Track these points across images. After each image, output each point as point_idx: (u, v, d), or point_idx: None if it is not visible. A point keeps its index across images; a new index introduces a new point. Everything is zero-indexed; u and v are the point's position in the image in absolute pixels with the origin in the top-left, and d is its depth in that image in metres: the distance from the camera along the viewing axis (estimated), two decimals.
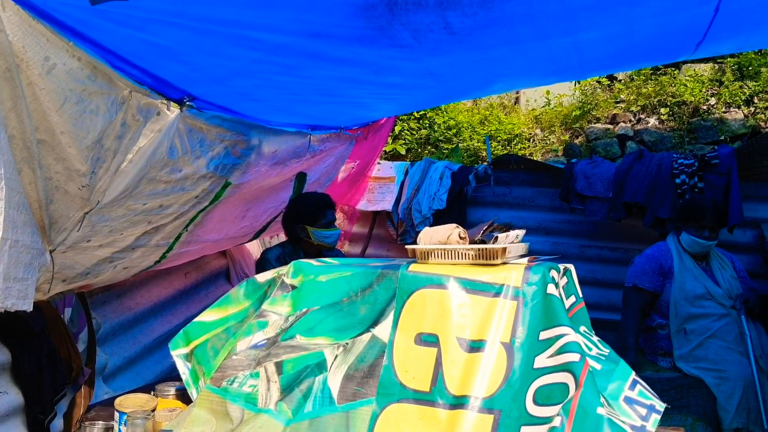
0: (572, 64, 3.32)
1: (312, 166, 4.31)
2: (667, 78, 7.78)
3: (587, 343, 2.09)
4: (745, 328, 3.73)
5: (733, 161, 4.78)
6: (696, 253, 3.90)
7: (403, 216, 5.93)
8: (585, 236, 5.68)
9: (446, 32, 2.36)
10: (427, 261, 2.14)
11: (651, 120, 7.48)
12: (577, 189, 5.31)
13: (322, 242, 3.70)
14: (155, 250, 3.24)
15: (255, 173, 3.47)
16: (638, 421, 1.88)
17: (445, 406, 1.86)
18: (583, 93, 8.31)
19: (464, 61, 2.95)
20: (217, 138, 2.92)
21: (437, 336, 1.95)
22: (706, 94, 7.50)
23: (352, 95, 3.40)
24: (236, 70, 2.61)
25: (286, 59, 2.53)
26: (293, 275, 2.21)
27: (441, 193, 5.80)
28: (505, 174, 5.86)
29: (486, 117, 8.49)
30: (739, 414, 3.52)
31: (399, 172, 6.07)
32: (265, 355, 2.12)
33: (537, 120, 8.40)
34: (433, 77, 3.16)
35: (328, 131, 4.20)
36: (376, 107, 3.95)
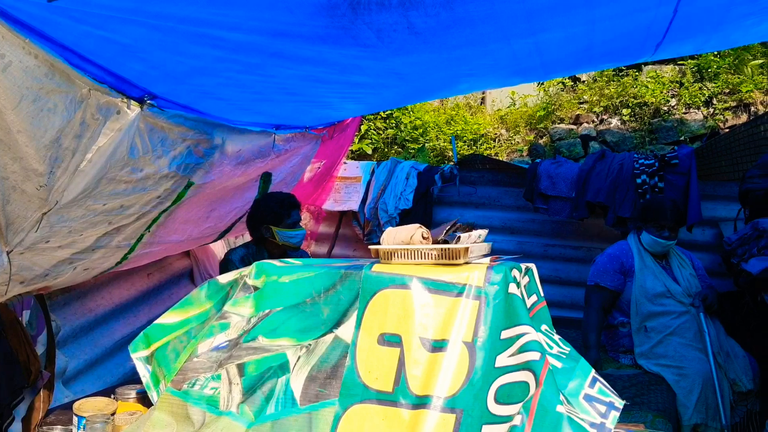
0: (535, 65, 3.36)
1: (277, 166, 4.28)
2: (629, 79, 7.91)
3: (548, 342, 2.11)
4: (703, 325, 3.81)
5: (693, 161, 4.88)
6: (656, 252, 3.97)
7: (369, 216, 5.94)
8: (549, 235, 5.75)
9: (409, 32, 2.36)
10: (390, 261, 2.14)
11: (613, 121, 7.60)
12: (541, 189, 5.37)
13: (287, 242, 3.68)
14: (116, 251, 3.18)
15: (218, 173, 3.43)
16: (598, 418, 1.90)
17: (408, 406, 1.86)
18: (547, 94, 8.41)
19: (428, 61, 2.96)
20: (179, 137, 2.88)
21: (400, 336, 1.95)
22: (667, 95, 7.64)
23: (317, 94, 3.39)
24: (198, 69, 2.58)
25: (248, 58, 2.51)
26: (256, 276, 2.19)
27: (407, 192, 5.82)
28: (470, 174, 5.91)
29: (452, 117, 8.54)
30: (698, 410, 3.59)
31: (365, 171, 6.07)
32: (227, 357, 2.10)
33: (502, 120, 8.47)
34: (398, 77, 3.16)
35: (293, 131, 4.17)
36: (341, 107, 3.94)
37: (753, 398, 3.82)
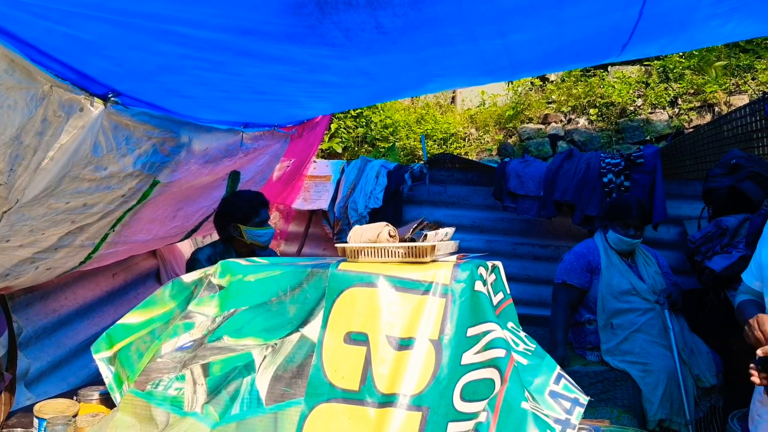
0: (504, 65, 3.37)
1: (245, 165, 4.24)
2: (596, 80, 8.00)
3: (514, 339, 2.12)
4: (668, 322, 3.87)
5: (658, 160, 4.95)
6: (622, 251, 4.02)
7: (339, 215, 5.93)
8: (517, 234, 5.79)
9: (378, 32, 2.36)
10: (357, 259, 2.13)
11: (581, 120, 7.68)
12: (510, 188, 5.41)
13: (256, 241, 3.65)
14: (80, 251, 3.13)
15: (185, 171, 3.39)
16: (563, 414, 1.92)
17: (374, 405, 1.85)
18: (517, 94, 8.48)
19: (397, 61, 2.96)
20: (144, 135, 2.84)
21: (366, 334, 1.94)
22: (633, 95, 7.75)
23: (285, 93, 3.37)
24: (163, 66, 2.55)
25: (214, 55, 2.49)
26: (221, 275, 2.17)
27: (377, 191, 5.81)
28: (440, 173, 5.92)
29: (422, 116, 8.56)
30: (663, 405, 3.64)
31: (335, 170, 6.06)
32: (191, 357, 2.08)
33: (472, 119, 8.52)
34: (366, 76, 3.15)
35: (261, 129, 4.14)
36: (309, 105, 3.92)
37: (716, 393, 3.89)
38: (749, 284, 2.50)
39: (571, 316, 4.05)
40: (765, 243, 2.43)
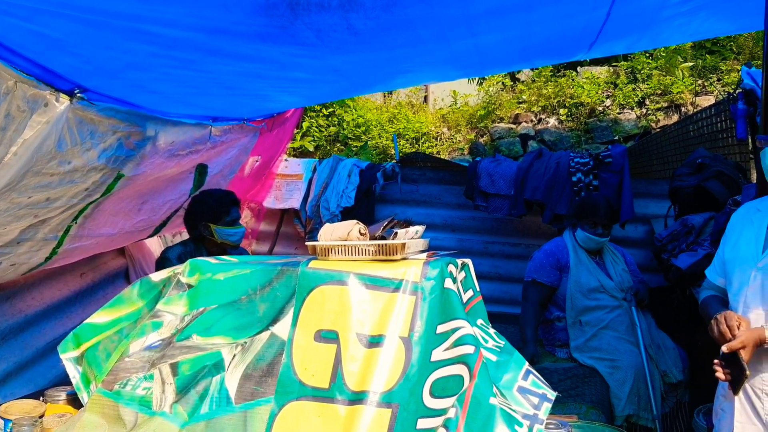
0: (474, 62, 3.40)
1: (213, 158, 4.19)
2: (565, 80, 8.10)
3: (483, 336, 2.14)
4: (635, 318, 3.93)
5: (625, 160, 5.02)
6: (590, 249, 4.07)
7: (311, 214, 5.91)
8: (488, 232, 5.83)
9: (349, 33, 2.37)
10: (327, 257, 2.13)
11: (551, 120, 7.77)
12: (481, 186, 5.44)
13: (226, 240, 3.63)
14: (44, 245, 3.08)
15: (150, 164, 3.35)
16: (530, 409, 1.94)
17: (344, 402, 1.85)
18: (488, 93, 8.54)
19: (368, 60, 2.97)
20: (109, 129, 2.81)
21: (337, 332, 1.94)
22: (602, 95, 7.85)
23: (255, 88, 3.36)
24: (131, 64, 2.53)
25: (184, 54, 2.47)
26: (189, 274, 2.15)
27: (349, 190, 5.81)
28: (412, 172, 5.94)
29: (395, 115, 8.58)
30: (630, 401, 3.70)
31: (307, 169, 6.04)
32: (160, 357, 2.06)
33: (444, 119, 8.56)
34: (336, 73, 3.16)
35: (230, 122, 4.09)
36: (279, 99, 3.91)
37: (682, 389, 3.96)
38: (713, 281, 2.55)
39: (540, 314, 4.09)
40: (728, 241, 2.49)
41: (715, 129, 4.96)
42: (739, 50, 8.02)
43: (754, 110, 4.14)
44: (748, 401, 2.27)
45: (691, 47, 8.09)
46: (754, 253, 2.30)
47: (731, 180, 4.18)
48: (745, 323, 2.19)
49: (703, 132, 5.17)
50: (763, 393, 2.24)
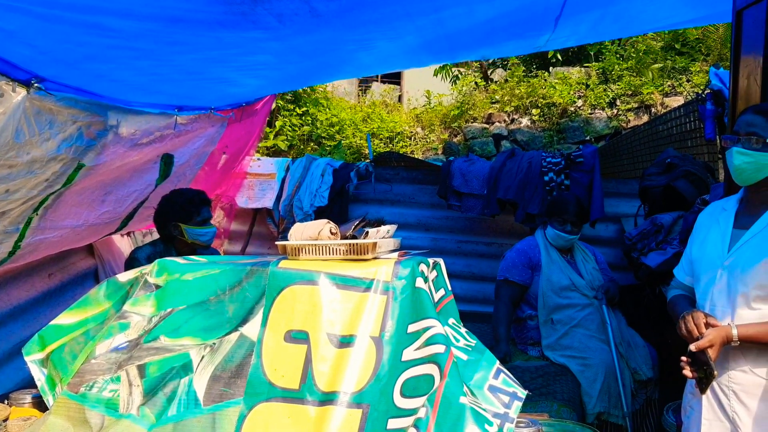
0: (439, 36, 3.37)
1: (179, 147, 4.11)
2: (538, 80, 8.16)
3: (455, 335, 2.14)
4: (606, 317, 3.96)
5: (596, 160, 5.07)
6: (560, 247, 4.09)
7: (284, 213, 5.87)
8: (462, 232, 5.84)
9: (311, 15, 2.35)
10: (298, 257, 2.11)
11: (524, 120, 7.82)
12: (454, 186, 5.45)
13: (197, 240, 3.58)
14: (5, 238, 3.01)
15: (112, 154, 3.28)
16: (501, 408, 1.94)
17: (314, 403, 1.84)
18: (461, 93, 8.58)
19: (332, 40, 2.94)
20: (69, 119, 2.76)
21: (307, 333, 1.93)
22: (574, 96, 7.93)
23: (218, 72, 3.32)
24: (89, 55, 2.48)
25: (143, 44, 2.44)
26: (157, 274, 2.12)
27: (323, 190, 5.79)
28: (386, 171, 5.93)
29: (369, 115, 8.58)
30: (601, 398, 3.73)
31: (280, 168, 6.00)
32: (127, 358, 2.03)
33: (418, 119, 8.58)
34: (300, 54, 3.13)
35: (196, 112, 4.02)
36: (244, 83, 3.85)
37: (652, 386, 4.00)
38: (681, 280, 2.58)
39: (513, 312, 4.11)
40: (695, 240, 2.52)
41: (684, 129, 5.04)
42: (708, 52, 8.15)
43: (722, 111, 4.21)
44: (716, 398, 2.30)
45: (661, 48, 8.21)
46: (720, 252, 2.33)
47: (699, 179, 4.24)
48: (712, 322, 2.22)
49: (672, 132, 5.25)
50: (729, 390, 2.26)
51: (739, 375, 2.25)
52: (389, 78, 13.41)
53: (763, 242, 2.22)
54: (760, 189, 2.29)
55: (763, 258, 2.19)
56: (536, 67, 8.23)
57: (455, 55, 4.17)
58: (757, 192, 2.30)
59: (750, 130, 2.24)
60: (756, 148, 2.22)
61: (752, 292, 2.20)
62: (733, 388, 2.26)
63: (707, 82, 4.38)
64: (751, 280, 2.21)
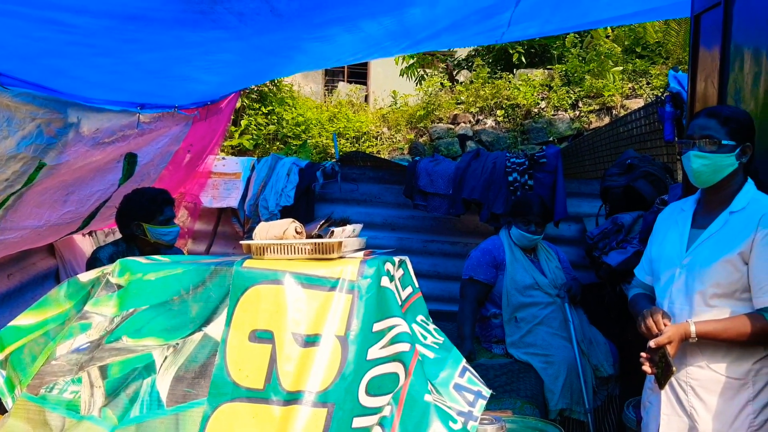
0: (399, 30, 3.37)
1: (142, 146, 4.04)
2: (502, 82, 8.24)
3: (423, 332, 2.15)
4: (568, 314, 4.02)
5: (559, 160, 5.14)
6: (525, 247, 4.15)
7: (249, 213, 5.83)
8: (428, 231, 5.87)
9: (272, 15, 2.34)
10: (262, 256, 2.10)
11: (488, 121, 7.89)
12: (420, 186, 5.48)
13: (160, 240, 3.54)
14: None
15: (74, 153, 3.22)
16: (466, 406, 1.96)
17: (279, 403, 1.84)
18: (427, 94, 8.62)
19: (295, 38, 2.93)
20: (27, 116, 2.69)
21: (272, 332, 1.92)
22: (537, 97, 8.03)
23: (180, 71, 3.28)
24: (47, 51, 2.43)
25: (101, 41, 2.39)
26: (119, 274, 2.09)
27: (288, 189, 5.76)
28: (352, 171, 5.93)
29: (335, 114, 8.57)
30: (564, 395, 3.78)
31: (245, 167, 5.95)
32: (88, 359, 2.00)
33: (384, 119, 8.60)
34: (263, 51, 3.11)
35: (160, 110, 3.97)
36: (208, 81, 3.81)
37: (613, 382, 4.08)
38: (641, 279, 2.64)
39: (477, 311, 4.15)
40: (654, 240, 2.58)
41: (643, 131, 5.14)
42: (668, 55, 8.32)
43: (681, 113, 4.31)
44: (674, 394, 2.36)
45: (622, 52, 8.36)
46: (678, 251, 2.38)
47: (658, 180, 4.33)
48: (670, 319, 2.27)
49: (632, 134, 5.35)
50: (687, 386, 2.32)
51: (696, 371, 2.31)
52: (355, 78, 13.40)
53: (720, 242, 2.28)
54: (717, 190, 2.35)
55: (720, 257, 2.25)
56: (501, 69, 8.32)
57: (416, 43, 4.16)
58: (714, 193, 2.37)
59: (704, 134, 2.30)
60: (712, 150, 2.28)
61: (709, 290, 2.26)
62: (691, 384, 2.31)
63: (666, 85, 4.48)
64: (709, 278, 2.27)
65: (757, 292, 2.19)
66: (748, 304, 2.22)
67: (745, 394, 2.23)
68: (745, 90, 2.66)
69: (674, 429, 2.35)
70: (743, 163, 2.32)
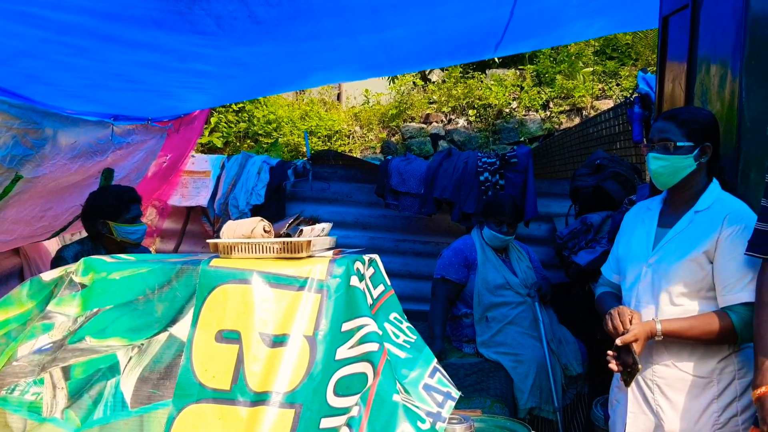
0: (383, 60, 3.42)
1: (119, 162, 4.04)
2: (474, 81, 8.27)
3: (395, 331, 2.14)
4: (538, 314, 4.05)
5: (530, 160, 5.18)
6: (496, 247, 4.17)
7: (219, 212, 5.78)
8: (399, 231, 5.87)
9: (251, 21, 2.32)
10: (230, 255, 2.08)
11: (460, 121, 7.91)
12: (392, 185, 5.48)
13: (126, 239, 3.48)
14: None
15: (51, 167, 3.19)
16: (434, 407, 1.96)
17: (246, 404, 1.81)
18: (399, 93, 8.61)
19: (273, 52, 2.93)
20: (3, 126, 2.65)
21: (239, 332, 1.89)
22: (509, 97, 8.07)
23: (157, 83, 3.25)
24: (21, 50, 2.38)
25: (76, 40, 2.35)
26: (83, 273, 2.05)
27: (259, 188, 5.72)
28: (324, 169, 5.90)
29: (306, 112, 8.52)
30: (533, 394, 3.81)
31: (215, 166, 5.90)
32: (51, 360, 1.95)
33: (356, 117, 8.57)
34: (242, 67, 3.10)
35: (133, 122, 3.96)
36: (186, 97, 3.80)
37: (582, 381, 4.12)
38: (608, 277, 2.66)
39: (448, 310, 4.16)
40: (621, 239, 2.60)
41: (613, 132, 5.19)
42: (637, 57, 8.42)
43: (649, 114, 4.36)
44: (640, 392, 2.38)
45: (593, 53, 8.44)
46: (645, 250, 2.41)
47: (627, 180, 4.38)
48: (637, 317, 2.30)
49: (602, 134, 5.41)
50: (654, 384, 2.34)
51: (662, 369, 2.33)
52: None
53: (685, 241, 2.31)
54: (681, 190, 2.38)
55: (685, 256, 2.27)
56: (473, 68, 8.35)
57: (396, 69, 4.21)
58: (679, 193, 2.40)
59: (662, 137, 2.34)
60: (670, 152, 2.32)
61: (675, 289, 2.29)
62: (657, 382, 2.34)
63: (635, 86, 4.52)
64: (674, 277, 2.29)
65: (722, 290, 2.22)
66: (713, 302, 2.25)
67: (710, 392, 2.26)
68: (712, 91, 2.69)
69: (641, 427, 2.38)
70: (703, 163, 2.35)
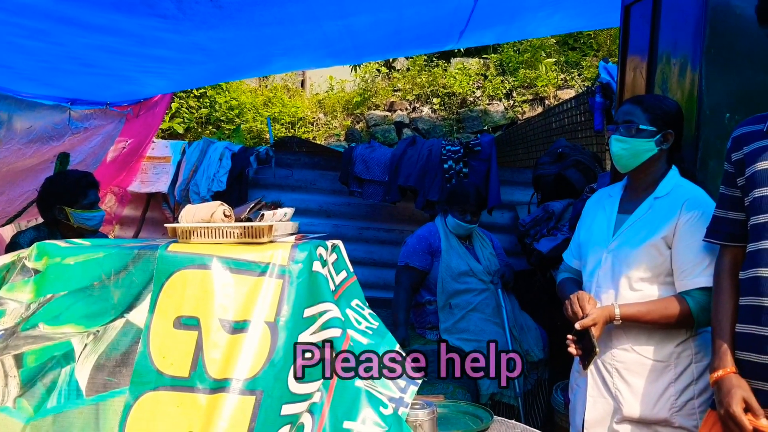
0: (347, 47, 3.38)
1: (76, 146, 3.93)
2: (439, 70, 8.28)
3: (357, 317, 2.12)
4: (501, 300, 4.08)
5: (493, 149, 5.20)
6: (460, 235, 4.18)
7: (180, 198, 5.69)
8: (363, 218, 5.86)
9: (213, 5, 2.27)
10: (189, 240, 2.03)
11: (425, 109, 7.92)
12: (356, 172, 5.45)
13: (83, 225, 3.40)
14: None
15: (6, 151, 3.10)
16: (397, 392, 1.95)
17: (205, 391, 1.78)
18: (364, 80, 8.58)
19: (236, 38, 2.87)
20: None
21: (198, 318, 1.86)
22: (473, 86, 8.10)
23: (115, 67, 3.16)
24: None
25: (32, 22, 2.27)
26: (36, 258, 1.98)
27: (221, 174, 5.64)
28: (287, 156, 5.86)
29: (270, 99, 8.44)
30: (495, 380, 3.84)
31: (175, 151, 5.80)
32: (3, 348, 1.89)
33: (320, 104, 8.52)
34: (204, 53, 3.04)
35: (91, 107, 3.86)
36: (145, 82, 3.71)
37: (543, 367, 4.17)
38: (569, 263, 2.69)
39: (412, 297, 4.16)
40: (583, 225, 2.62)
41: (574, 121, 5.25)
42: (599, 47, 8.52)
43: (610, 103, 4.41)
44: (600, 376, 2.41)
45: (555, 44, 8.51)
46: (605, 236, 2.43)
47: (588, 169, 4.43)
48: (596, 302, 2.32)
49: (564, 123, 5.46)
50: (612, 368, 2.37)
51: (621, 353, 2.36)
52: None
53: (645, 226, 2.34)
54: (641, 176, 2.41)
55: (645, 241, 2.30)
56: (437, 57, 8.36)
57: (360, 58, 4.18)
58: (638, 179, 2.42)
59: (626, 119, 2.36)
60: (632, 134, 2.34)
61: (634, 274, 2.32)
62: (616, 366, 2.37)
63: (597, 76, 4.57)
64: (634, 262, 2.32)
65: (680, 275, 2.25)
66: (671, 287, 2.29)
67: (667, 375, 2.30)
68: (672, 80, 2.73)
69: (600, 411, 2.41)
70: (664, 150, 2.38)
